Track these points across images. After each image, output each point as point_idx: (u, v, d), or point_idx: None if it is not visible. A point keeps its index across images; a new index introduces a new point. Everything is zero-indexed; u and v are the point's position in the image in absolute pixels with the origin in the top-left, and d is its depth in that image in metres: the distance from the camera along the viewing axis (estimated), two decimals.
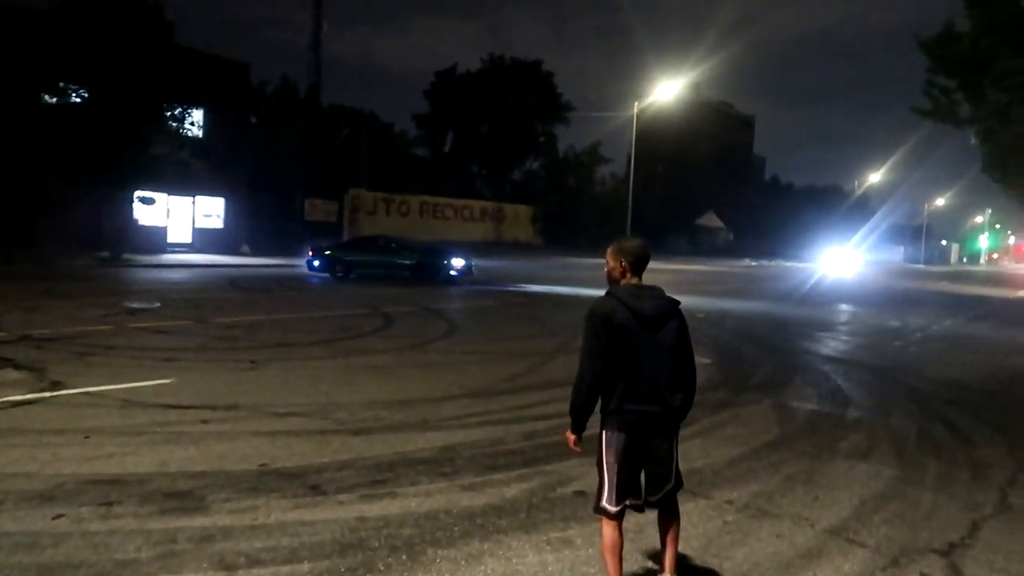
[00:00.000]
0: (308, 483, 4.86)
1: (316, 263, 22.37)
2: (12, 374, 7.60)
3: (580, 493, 4.91)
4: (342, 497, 4.64)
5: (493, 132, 57.93)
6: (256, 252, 31.80)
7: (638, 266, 3.40)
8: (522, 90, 57.45)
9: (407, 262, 21.70)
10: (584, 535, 4.24)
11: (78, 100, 25.18)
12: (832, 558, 4.14)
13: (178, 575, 3.56)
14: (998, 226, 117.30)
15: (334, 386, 7.70)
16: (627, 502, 3.34)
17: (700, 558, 4.02)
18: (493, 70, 58.78)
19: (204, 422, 6.15)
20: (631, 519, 3.61)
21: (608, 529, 3.34)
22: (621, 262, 3.39)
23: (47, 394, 6.85)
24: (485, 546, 4.03)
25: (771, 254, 66.85)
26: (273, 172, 38.39)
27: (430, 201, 48.39)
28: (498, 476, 5.18)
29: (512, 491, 4.91)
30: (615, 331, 3.22)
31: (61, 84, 24.87)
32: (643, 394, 3.25)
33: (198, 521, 4.17)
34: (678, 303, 3.41)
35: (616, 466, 3.30)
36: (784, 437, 6.70)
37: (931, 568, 4.08)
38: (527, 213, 55.54)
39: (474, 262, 22.89)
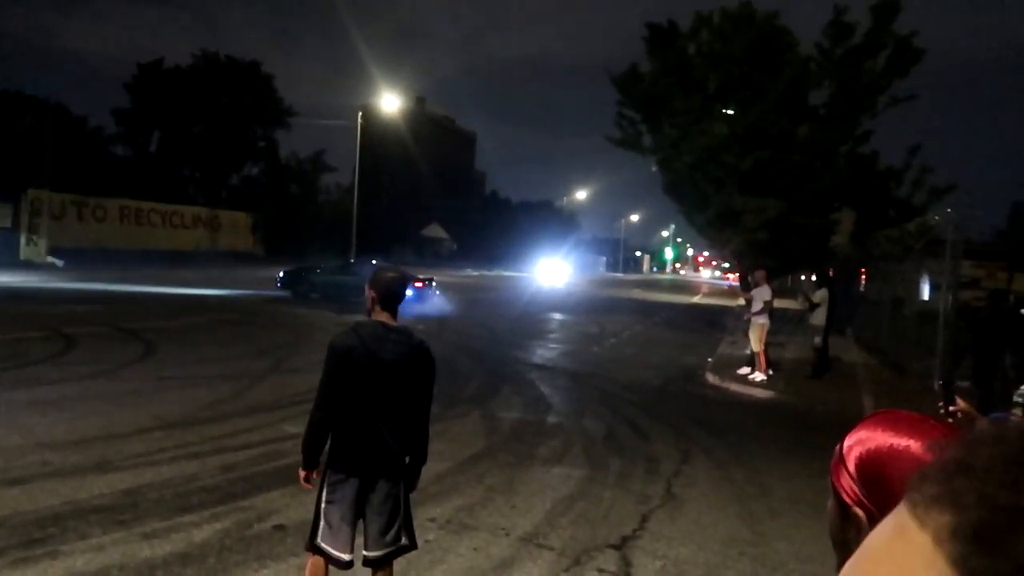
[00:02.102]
0: None
1: None
2: None
3: (279, 527, 4.69)
4: None
5: (207, 134, 54.00)
6: None
7: (388, 302, 3.23)
8: (239, 91, 54.27)
9: None
10: (280, 574, 4.04)
11: None
12: (523, 565, 4.39)
13: None
14: (680, 240, 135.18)
15: None
16: (334, 553, 3.13)
17: None
18: (206, 67, 54.82)
19: None
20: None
21: (314, 566, 3.20)
22: (375, 295, 3.22)
23: None
24: None
25: (491, 264, 70.33)
26: None
27: (132, 206, 43.74)
28: (188, 518, 4.75)
29: (203, 533, 4.54)
30: (350, 370, 3.09)
31: None
32: (369, 440, 3.14)
33: None
34: (425, 349, 3.27)
35: (328, 507, 3.15)
36: (489, 448, 7.01)
37: (607, 563, 4.49)
38: (246, 221, 52.56)
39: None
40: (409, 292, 3.65)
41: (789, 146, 18.53)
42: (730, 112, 19.17)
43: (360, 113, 39.73)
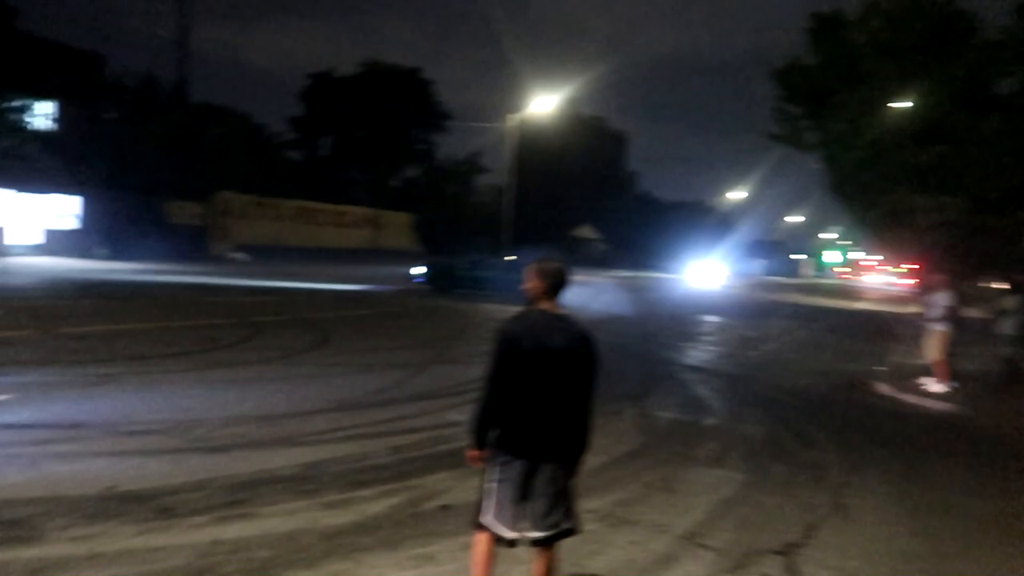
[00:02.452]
0: (158, 506, 4.61)
1: None
2: None
3: (445, 507, 4.92)
4: (195, 520, 4.44)
5: (371, 138, 57.05)
6: (117, 256, 29.87)
7: (556, 290, 3.36)
8: (400, 97, 56.91)
9: None
10: (447, 550, 4.25)
11: None
12: (683, 563, 4.36)
13: None
14: (848, 242, 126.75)
15: (193, 401, 7.34)
16: (499, 531, 3.31)
17: (559, 569, 4.12)
18: (370, 75, 57.89)
19: (44, 443, 5.70)
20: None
21: (480, 543, 3.37)
22: (539, 284, 3.35)
23: None
24: (345, 566, 3.96)
25: (643, 265, 69.47)
26: (136, 170, 36.18)
27: (305, 206, 47.05)
28: (363, 492, 5.10)
29: (377, 507, 4.85)
30: (517, 356, 3.22)
31: None
32: (535, 423, 3.25)
33: (30, 552, 3.87)
34: (589, 338, 3.35)
35: (494, 486, 3.31)
36: (645, 445, 6.97)
37: (771, 568, 4.37)
38: (406, 221, 55.12)
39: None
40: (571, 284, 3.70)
41: (971, 140, 16.99)
42: (903, 105, 17.85)
43: (514, 115, 40.48)
